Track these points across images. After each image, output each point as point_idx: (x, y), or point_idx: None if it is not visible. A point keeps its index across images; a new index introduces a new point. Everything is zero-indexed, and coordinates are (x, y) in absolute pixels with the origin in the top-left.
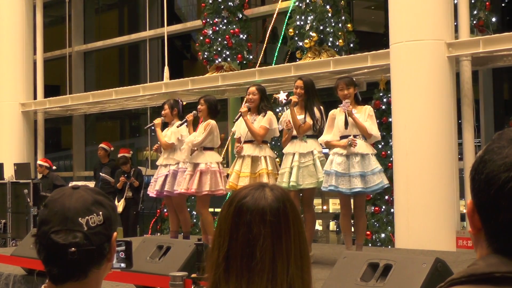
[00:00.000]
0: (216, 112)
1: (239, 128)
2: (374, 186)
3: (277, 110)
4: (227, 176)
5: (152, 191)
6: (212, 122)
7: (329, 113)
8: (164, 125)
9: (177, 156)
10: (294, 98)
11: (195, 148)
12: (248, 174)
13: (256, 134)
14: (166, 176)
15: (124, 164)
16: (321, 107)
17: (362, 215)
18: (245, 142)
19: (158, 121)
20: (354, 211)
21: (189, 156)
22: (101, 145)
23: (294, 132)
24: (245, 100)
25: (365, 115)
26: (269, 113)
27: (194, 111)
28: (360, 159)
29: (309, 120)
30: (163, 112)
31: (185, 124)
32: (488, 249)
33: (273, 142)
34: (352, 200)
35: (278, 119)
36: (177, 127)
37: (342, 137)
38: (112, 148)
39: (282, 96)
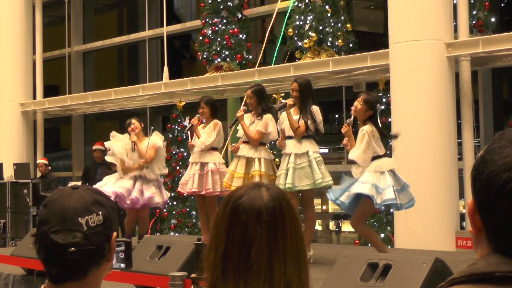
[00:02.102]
0: (217, 111)
1: (241, 128)
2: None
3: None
4: None
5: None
6: (219, 122)
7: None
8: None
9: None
10: (289, 101)
11: (202, 148)
12: (242, 175)
13: (251, 138)
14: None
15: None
16: (315, 107)
17: (356, 224)
18: (243, 142)
19: (134, 138)
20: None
21: (198, 156)
22: (97, 146)
23: (291, 133)
24: (243, 102)
25: (360, 136)
26: (266, 117)
27: (197, 115)
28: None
29: (302, 122)
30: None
31: (192, 128)
32: (488, 248)
33: (272, 143)
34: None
35: (277, 119)
36: (185, 132)
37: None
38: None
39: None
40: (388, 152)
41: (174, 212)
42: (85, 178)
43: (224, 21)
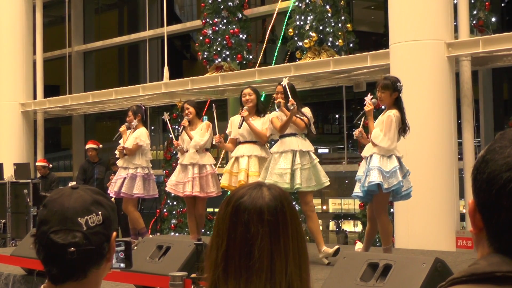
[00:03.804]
0: (201, 111)
1: (237, 128)
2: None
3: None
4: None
5: (111, 191)
6: (210, 123)
7: None
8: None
9: (136, 161)
10: (280, 100)
11: (197, 148)
12: (257, 173)
13: (263, 135)
14: (124, 178)
15: (114, 164)
16: (306, 108)
17: (379, 216)
18: (248, 142)
19: (123, 128)
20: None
21: (194, 157)
22: (90, 145)
23: (291, 130)
24: (243, 103)
25: (380, 123)
26: (270, 115)
27: (185, 117)
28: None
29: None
30: (127, 119)
31: (184, 130)
32: (489, 248)
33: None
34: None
35: None
36: (178, 135)
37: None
38: (101, 146)
39: (367, 100)
40: None
41: (174, 212)
42: (83, 179)
43: (225, 21)
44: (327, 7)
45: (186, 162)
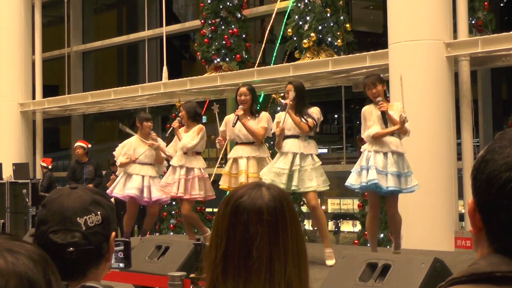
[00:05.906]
0: (197, 115)
1: (234, 129)
2: (409, 188)
3: (278, 108)
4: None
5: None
6: (204, 127)
7: (363, 110)
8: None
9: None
10: (288, 101)
11: (184, 151)
12: (256, 175)
13: (258, 134)
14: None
15: (114, 164)
16: (316, 107)
17: (396, 212)
18: (245, 143)
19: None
20: (389, 211)
21: (182, 159)
22: (78, 143)
23: (289, 133)
24: (238, 102)
25: (397, 112)
26: (265, 114)
27: (178, 118)
28: (397, 159)
29: (307, 122)
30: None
31: (173, 131)
32: (489, 248)
33: (271, 142)
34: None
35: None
36: (167, 135)
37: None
38: (89, 146)
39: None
40: None
41: (173, 212)
42: (73, 179)
43: (224, 21)
44: (326, 7)
45: (175, 163)
